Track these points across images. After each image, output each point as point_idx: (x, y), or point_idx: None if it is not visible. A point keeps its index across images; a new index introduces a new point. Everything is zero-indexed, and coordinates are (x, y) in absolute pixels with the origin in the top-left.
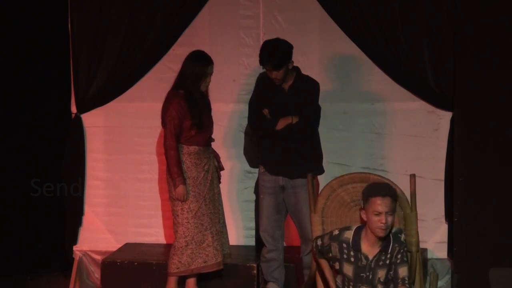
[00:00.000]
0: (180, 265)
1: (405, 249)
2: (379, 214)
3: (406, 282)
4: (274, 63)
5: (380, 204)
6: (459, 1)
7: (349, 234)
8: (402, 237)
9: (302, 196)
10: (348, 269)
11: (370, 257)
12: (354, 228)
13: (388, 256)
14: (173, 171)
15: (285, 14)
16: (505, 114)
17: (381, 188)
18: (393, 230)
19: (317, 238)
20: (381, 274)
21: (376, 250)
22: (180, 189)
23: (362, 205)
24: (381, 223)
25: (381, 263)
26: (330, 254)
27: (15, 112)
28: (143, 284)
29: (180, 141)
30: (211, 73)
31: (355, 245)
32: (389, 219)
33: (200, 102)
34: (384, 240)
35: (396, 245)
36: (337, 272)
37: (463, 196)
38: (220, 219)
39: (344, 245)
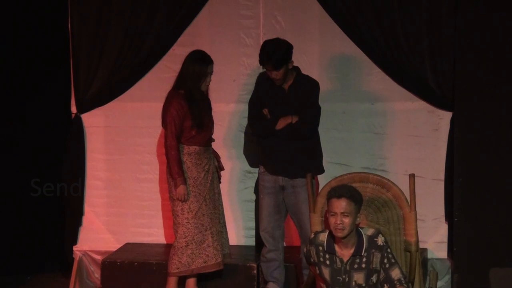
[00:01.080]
0: (180, 265)
1: (389, 250)
2: (334, 214)
3: (403, 282)
4: (274, 63)
5: (335, 205)
6: (459, 1)
7: (323, 237)
8: (379, 240)
9: (302, 196)
10: (326, 272)
11: (345, 260)
12: (328, 231)
13: (364, 260)
14: (173, 171)
15: (285, 14)
16: (505, 114)
17: (338, 190)
18: (369, 233)
19: (304, 246)
20: (358, 277)
21: (349, 252)
22: (181, 189)
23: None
24: (336, 223)
25: (356, 266)
26: (311, 260)
27: (15, 112)
28: (143, 284)
29: (181, 141)
30: (211, 73)
31: (329, 247)
32: (345, 220)
33: (200, 102)
34: (356, 242)
35: (373, 250)
36: (320, 277)
37: (463, 196)
38: (220, 219)
39: (320, 247)
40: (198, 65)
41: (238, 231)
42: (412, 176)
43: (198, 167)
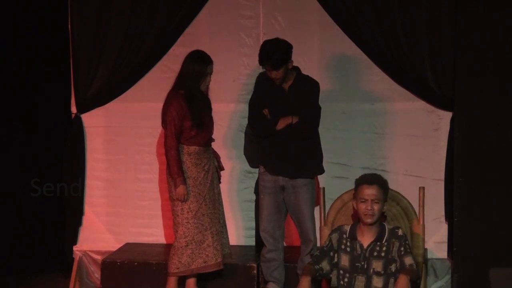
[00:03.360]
0: (180, 265)
1: (407, 242)
2: (365, 201)
3: (414, 266)
4: (274, 63)
5: (366, 191)
6: (459, 1)
7: (347, 227)
8: (400, 231)
9: (302, 196)
10: (345, 259)
11: (365, 246)
12: (350, 224)
13: (384, 248)
14: (173, 171)
15: (285, 14)
16: (505, 114)
17: (369, 177)
18: (391, 227)
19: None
20: (377, 265)
21: (370, 238)
22: (181, 189)
23: (354, 195)
24: (367, 209)
25: (375, 253)
26: (325, 248)
27: (15, 112)
28: (143, 284)
29: (181, 141)
30: (211, 73)
31: (351, 234)
32: (375, 206)
33: (200, 102)
34: (378, 229)
35: (393, 239)
36: (333, 268)
37: (463, 196)
38: (220, 219)
39: (344, 235)
40: (198, 65)
41: (238, 231)
42: (421, 189)
43: (198, 167)
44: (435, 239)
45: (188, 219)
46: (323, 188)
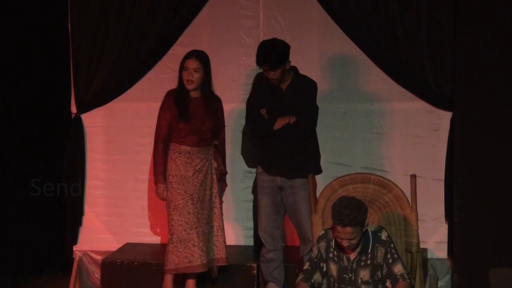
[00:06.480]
0: (167, 262)
1: (392, 246)
2: (341, 238)
3: (406, 277)
4: (271, 64)
5: (341, 231)
6: (459, 1)
7: (332, 233)
8: (383, 235)
9: (300, 196)
10: (333, 268)
11: (352, 258)
12: None
13: (369, 256)
14: (153, 169)
15: (285, 14)
16: (506, 114)
17: (343, 216)
18: (373, 229)
19: (303, 268)
20: (364, 274)
21: (356, 250)
22: (158, 188)
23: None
24: (344, 245)
25: (362, 263)
26: (315, 259)
27: (15, 112)
28: (143, 284)
29: (172, 140)
30: (188, 68)
31: (337, 245)
32: (353, 241)
33: (193, 102)
34: (363, 240)
35: (377, 244)
36: (324, 277)
37: (463, 196)
38: (213, 221)
39: (331, 243)
40: (181, 63)
41: (238, 231)
42: (413, 177)
43: (187, 166)
44: (435, 239)
45: (173, 216)
46: (312, 176)
